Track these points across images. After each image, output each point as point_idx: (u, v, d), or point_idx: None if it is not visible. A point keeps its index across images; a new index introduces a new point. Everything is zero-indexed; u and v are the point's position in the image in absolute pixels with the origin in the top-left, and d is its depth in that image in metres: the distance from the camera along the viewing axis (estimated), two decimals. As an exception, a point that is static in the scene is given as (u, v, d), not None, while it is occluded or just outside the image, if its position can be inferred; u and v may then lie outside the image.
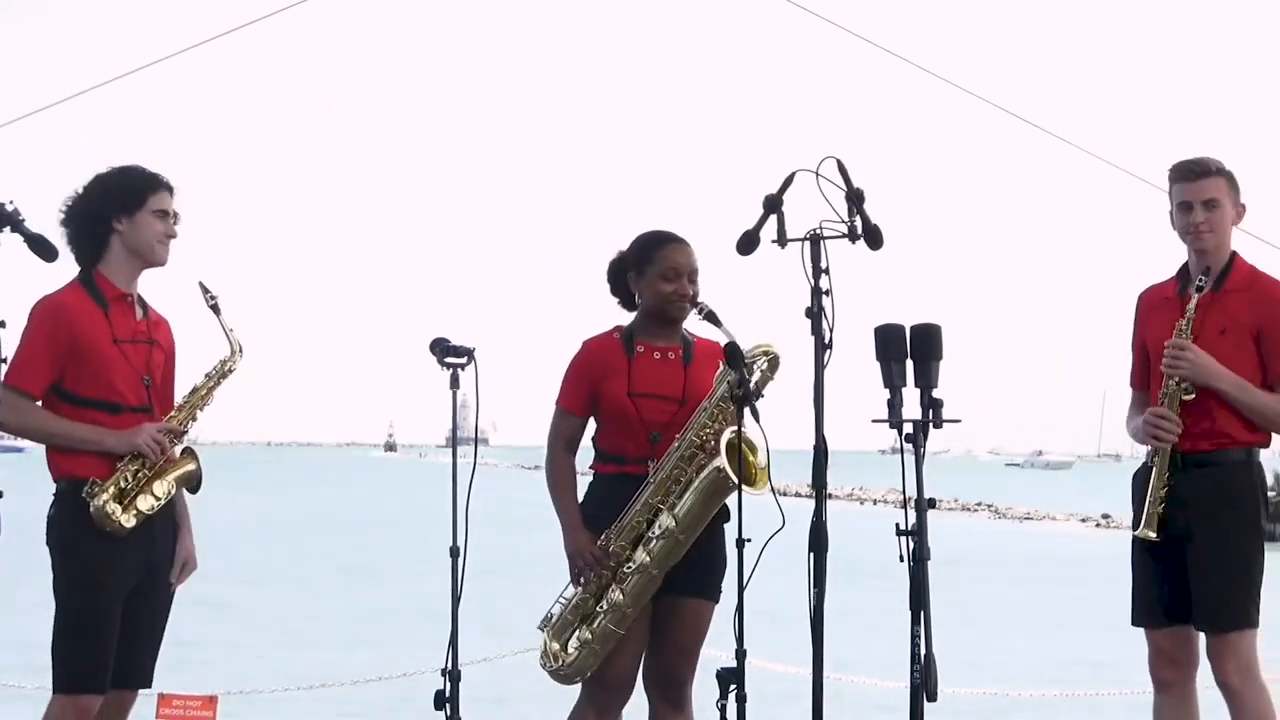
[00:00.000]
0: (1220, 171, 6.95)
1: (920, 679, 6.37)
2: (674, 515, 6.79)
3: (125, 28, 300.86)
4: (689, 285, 6.92)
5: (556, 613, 6.91)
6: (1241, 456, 6.89)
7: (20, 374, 6.42)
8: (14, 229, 6.39)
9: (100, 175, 6.65)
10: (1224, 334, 6.86)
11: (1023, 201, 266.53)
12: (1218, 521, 6.83)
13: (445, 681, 6.94)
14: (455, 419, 6.99)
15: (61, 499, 6.49)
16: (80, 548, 6.42)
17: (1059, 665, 17.97)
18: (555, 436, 7.01)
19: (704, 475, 6.79)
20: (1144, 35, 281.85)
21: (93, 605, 6.41)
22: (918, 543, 6.39)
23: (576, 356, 7.03)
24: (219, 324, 6.71)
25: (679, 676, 6.93)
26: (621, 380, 6.90)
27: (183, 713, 10.03)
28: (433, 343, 7.02)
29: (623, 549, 6.81)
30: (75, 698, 6.42)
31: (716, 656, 6.80)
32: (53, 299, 6.53)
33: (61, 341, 6.45)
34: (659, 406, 6.89)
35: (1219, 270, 6.92)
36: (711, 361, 6.98)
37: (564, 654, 6.85)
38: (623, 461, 6.92)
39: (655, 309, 6.96)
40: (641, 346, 6.96)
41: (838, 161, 6.45)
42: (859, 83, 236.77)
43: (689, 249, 6.98)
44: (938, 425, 6.54)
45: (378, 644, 18.71)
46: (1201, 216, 6.92)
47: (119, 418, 6.52)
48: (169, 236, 6.61)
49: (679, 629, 6.90)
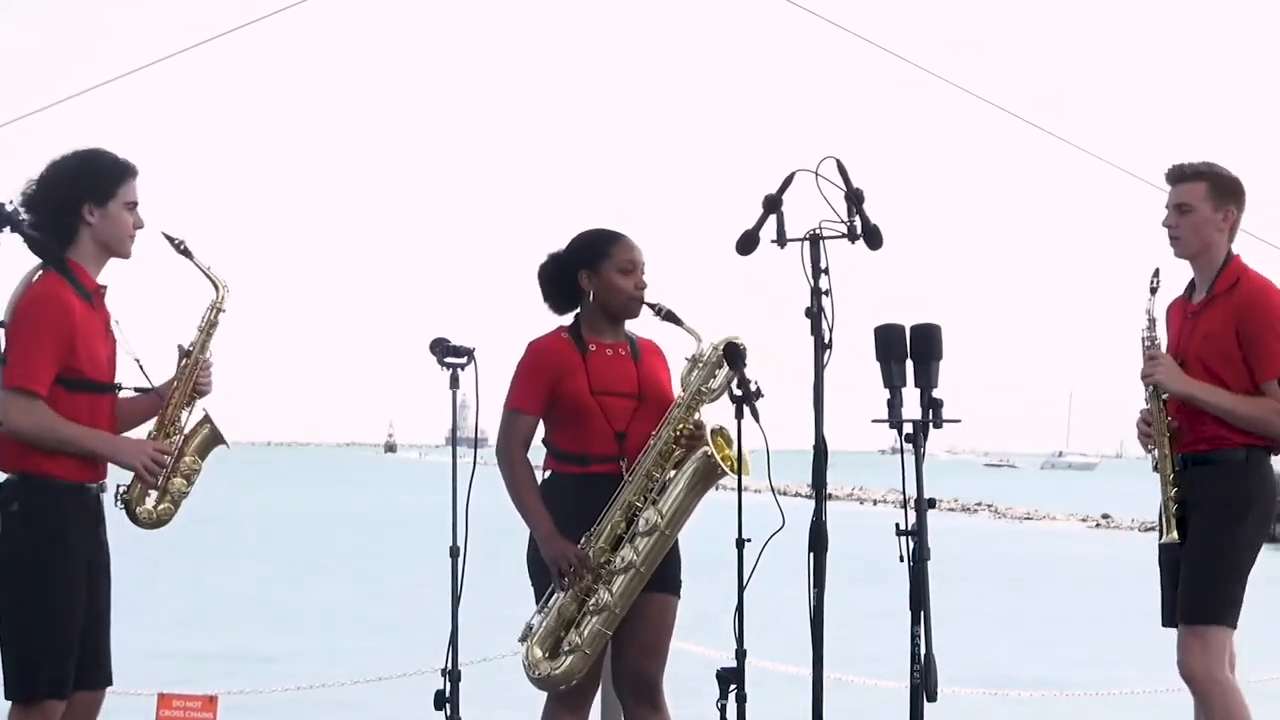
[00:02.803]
0: (1200, 175, 6.92)
1: (920, 679, 6.37)
2: (660, 511, 6.75)
3: (125, 28, 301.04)
4: (643, 279, 6.92)
5: (537, 622, 6.82)
6: (1240, 456, 6.87)
7: (27, 375, 6.26)
8: (14, 229, 6.35)
9: (64, 161, 6.41)
10: (1208, 340, 6.87)
11: (1023, 201, 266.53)
12: (1207, 519, 6.83)
13: (445, 681, 6.93)
14: (455, 419, 6.99)
15: (19, 491, 6.26)
16: (40, 545, 6.23)
17: (1059, 665, 17.97)
18: (511, 438, 6.90)
19: (691, 463, 6.77)
20: (1144, 35, 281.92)
21: (60, 607, 6.23)
22: (918, 543, 6.40)
23: (526, 357, 6.95)
24: (195, 266, 6.51)
25: (648, 675, 6.86)
26: (580, 378, 6.86)
27: (183, 713, 10.02)
28: (433, 343, 7.01)
29: (602, 551, 6.77)
30: (41, 704, 6.23)
31: (716, 656, 6.79)
32: (47, 294, 6.31)
33: (65, 337, 6.27)
34: (619, 404, 6.86)
35: (1211, 275, 6.92)
36: (656, 358, 6.99)
37: (550, 662, 6.77)
38: (586, 461, 6.87)
39: (614, 305, 6.92)
40: (593, 345, 6.93)
41: (837, 161, 6.45)
42: (859, 83, 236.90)
43: (637, 244, 6.97)
44: (938, 425, 6.55)
45: (378, 644, 18.71)
46: (1172, 220, 6.94)
47: (111, 398, 6.42)
48: (138, 228, 6.45)
49: (644, 626, 6.83)
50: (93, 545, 6.39)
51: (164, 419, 6.54)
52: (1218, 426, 6.85)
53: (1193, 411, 6.87)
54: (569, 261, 6.97)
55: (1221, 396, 6.82)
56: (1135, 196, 7.07)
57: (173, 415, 6.54)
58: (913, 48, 33.43)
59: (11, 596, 6.28)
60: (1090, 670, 17.13)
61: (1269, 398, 6.81)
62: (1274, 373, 6.81)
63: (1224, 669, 6.81)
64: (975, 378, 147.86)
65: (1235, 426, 6.83)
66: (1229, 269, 6.93)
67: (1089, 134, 14.02)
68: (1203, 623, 6.79)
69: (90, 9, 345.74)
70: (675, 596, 6.91)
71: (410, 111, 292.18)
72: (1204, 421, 6.86)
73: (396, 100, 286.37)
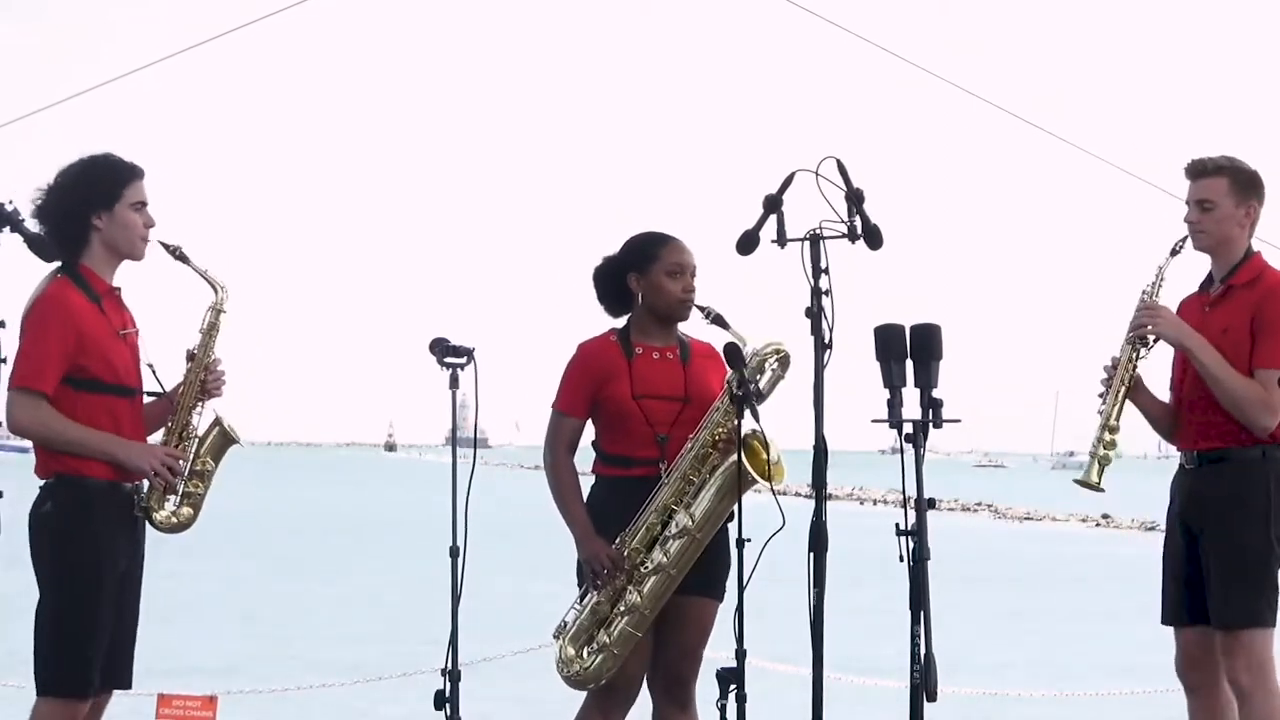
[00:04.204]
0: (1221, 171, 6.92)
1: (920, 679, 6.37)
2: (691, 514, 6.77)
3: (125, 28, 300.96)
4: (693, 282, 6.92)
5: (571, 619, 6.85)
6: (1255, 454, 6.86)
7: (32, 375, 6.29)
8: (14, 229, 6.36)
9: (70, 168, 6.43)
10: (1226, 333, 6.86)
11: (1023, 201, 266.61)
12: (1227, 519, 6.82)
13: (445, 681, 6.93)
14: (455, 419, 6.99)
15: (54, 493, 6.33)
16: (77, 545, 6.28)
17: (1059, 665, 17.96)
18: (556, 440, 6.96)
19: (721, 471, 6.78)
20: (1146, 36, 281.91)
21: (90, 605, 6.28)
22: (918, 543, 6.39)
23: (574, 359, 6.99)
24: (193, 270, 6.53)
25: (684, 676, 6.91)
26: (624, 382, 6.88)
27: (183, 713, 10.04)
28: (433, 343, 7.02)
29: (637, 552, 6.79)
30: (66, 702, 6.29)
31: (716, 657, 6.80)
32: (52, 296, 6.35)
33: (69, 339, 6.30)
34: (663, 407, 6.88)
35: (1228, 268, 6.91)
36: (708, 361, 6.98)
37: (581, 659, 6.80)
38: (629, 464, 6.90)
39: (661, 308, 6.94)
40: (640, 348, 6.94)
41: (837, 161, 6.45)
42: (859, 83, 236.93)
43: (688, 247, 6.98)
44: (938, 425, 6.54)
45: (378, 644, 18.70)
46: (1194, 216, 6.93)
47: (132, 401, 6.44)
48: (148, 228, 6.47)
49: (684, 629, 6.88)
50: (127, 545, 6.43)
51: (175, 423, 6.56)
52: (1231, 423, 6.83)
53: (1213, 405, 6.84)
54: (619, 263, 6.99)
55: (1217, 360, 6.80)
56: (1135, 196, 7.05)
57: (183, 419, 6.56)
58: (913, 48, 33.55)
59: (46, 594, 6.34)
60: (1090, 670, 17.11)
61: (1259, 384, 6.80)
62: (1270, 363, 6.80)
63: (1272, 673, 6.80)
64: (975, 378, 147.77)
65: (1243, 423, 6.80)
66: (1250, 264, 6.94)
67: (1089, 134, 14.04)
68: (1241, 626, 6.78)
69: (90, 9, 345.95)
70: (717, 601, 6.95)
71: (410, 111, 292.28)
72: (1223, 416, 6.83)
73: (397, 100, 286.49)
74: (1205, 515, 6.87)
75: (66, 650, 6.29)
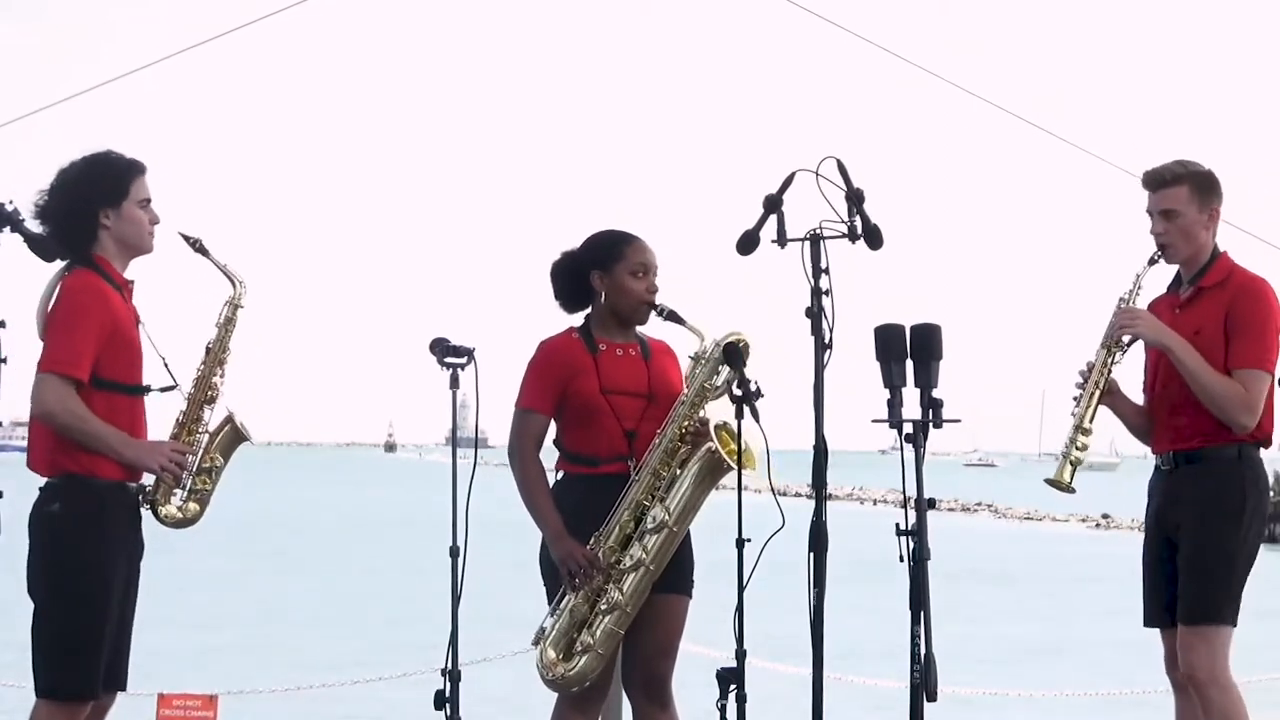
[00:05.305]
0: (1180, 179, 6.89)
1: (920, 678, 6.37)
2: (667, 509, 6.75)
3: (125, 28, 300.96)
4: (655, 283, 6.91)
5: (549, 624, 6.80)
6: (1231, 453, 6.86)
7: (69, 361, 6.21)
8: (14, 229, 6.35)
9: (72, 167, 6.40)
10: (1199, 334, 6.85)
11: (1023, 201, 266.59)
12: (1201, 518, 6.82)
13: (445, 681, 6.93)
14: (455, 419, 6.98)
15: (61, 493, 6.27)
16: (86, 547, 6.23)
17: (1059, 665, 17.97)
18: (523, 439, 6.88)
19: (696, 460, 6.76)
20: (1144, 35, 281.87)
21: (98, 608, 6.23)
22: (917, 543, 6.39)
23: (538, 356, 6.94)
24: (212, 263, 6.51)
25: (661, 674, 6.86)
26: (591, 378, 6.85)
27: (183, 713, 10.03)
28: (433, 343, 7.01)
29: (612, 550, 6.78)
30: (68, 706, 6.25)
31: (716, 657, 6.79)
32: (86, 284, 6.29)
33: (106, 327, 6.25)
34: (629, 403, 6.85)
35: (1196, 269, 6.92)
36: (666, 357, 6.98)
37: (565, 662, 6.76)
38: (596, 462, 6.85)
39: (624, 308, 6.90)
40: (603, 344, 6.91)
41: (838, 161, 6.45)
42: (859, 83, 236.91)
43: (650, 247, 6.97)
44: (938, 425, 6.54)
45: (377, 644, 18.71)
46: (1160, 227, 6.92)
47: (143, 399, 6.40)
48: (155, 223, 6.46)
49: (657, 627, 6.84)
50: (133, 545, 6.41)
51: (185, 416, 6.52)
52: (1209, 422, 6.84)
53: (1186, 406, 6.85)
54: (582, 260, 6.95)
55: (1196, 358, 6.79)
56: (1135, 196, 7.04)
57: (194, 413, 6.54)
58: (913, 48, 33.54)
59: (51, 595, 6.28)
60: (1090, 670, 17.13)
61: (1238, 384, 6.80)
62: (1247, 363, 6.80)
63: (1228, 670, 6.81)
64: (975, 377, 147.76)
65: (1220, 420, 6.81)
66: (1218, 264, 6.93)
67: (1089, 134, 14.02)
68: (1205, 623, 6.78)
69: (90, 9, 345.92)
70: (687, 597, 6.91)
71: (411, 111, 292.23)
72: (1196, 417, 6.84)
73: (397, 100, 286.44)
74: (1182, 515, 6.87)
75: (71, 653, 6.23)
